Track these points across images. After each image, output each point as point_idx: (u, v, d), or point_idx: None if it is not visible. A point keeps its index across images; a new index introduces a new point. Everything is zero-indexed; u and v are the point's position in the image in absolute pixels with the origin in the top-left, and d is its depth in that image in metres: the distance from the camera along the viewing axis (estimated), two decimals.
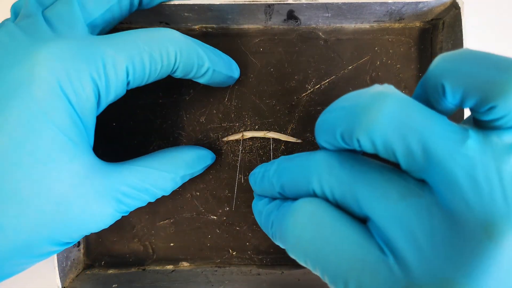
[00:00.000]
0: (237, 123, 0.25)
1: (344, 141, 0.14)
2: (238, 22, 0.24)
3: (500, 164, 0.12)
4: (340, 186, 0.15)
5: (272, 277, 0.24)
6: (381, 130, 0.13)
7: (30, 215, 0.16)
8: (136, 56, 0.18)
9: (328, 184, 0.15)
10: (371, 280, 0.13)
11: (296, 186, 0.16)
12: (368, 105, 0.13)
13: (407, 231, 0.13)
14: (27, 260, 0.18)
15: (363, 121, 0.13)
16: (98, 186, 0.18)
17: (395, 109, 0.13)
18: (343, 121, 0.14)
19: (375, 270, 0.13)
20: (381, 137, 0.13)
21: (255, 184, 0.20)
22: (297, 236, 0.15)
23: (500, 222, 0.11)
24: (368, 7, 0.22)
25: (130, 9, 0.21)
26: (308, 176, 0.16)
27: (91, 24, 0.19)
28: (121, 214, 0.19)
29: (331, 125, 0.15)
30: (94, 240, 0.26)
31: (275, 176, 0.18)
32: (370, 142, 0.13)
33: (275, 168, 0.18)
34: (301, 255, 0.15)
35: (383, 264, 0.13)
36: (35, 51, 0.16)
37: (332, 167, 0.15)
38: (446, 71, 0.13)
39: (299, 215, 0.15)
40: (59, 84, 0.16)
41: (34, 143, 0.16)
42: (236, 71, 0.24)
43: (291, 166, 0.17)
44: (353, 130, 0.13)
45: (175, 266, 0.26)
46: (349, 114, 0.14)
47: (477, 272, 0.12)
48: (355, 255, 0.13)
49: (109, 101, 0.19)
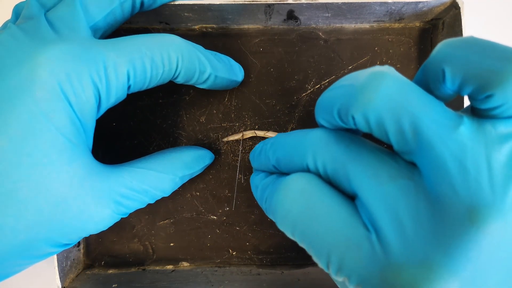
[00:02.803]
0: (237, 123, 0.25)
1: (340, 119, 0.15)
2: (238, 22, 0.24)
3: (490, 152, 0.12)
4: (333, 162, 0.15)
5: (272, 277, 0.24)
6: (375, 109, 0.13)
7: (28, 216, 0.16)
8: (137, 60, 0.18)
9: (322, 160, 0.15)
10: (353, 256, 0.13)
11: (290, 160, 0.17)
12: (365, 83, 0.13)
13: (392, 211, 0.13)
14: (26, 261, 0.18)
15: (359, 99, 0.13)
16: (97, 188, 0.18)
17: (392, 89, 0.13)
18: (340, 99, 0.14)
19: (358, 246, 0.13)
20: (375, 116, 0.13)
21: (254, 159, 0.20)
22: (286, 209, 0.15)
23: (484, 209, 0.11)
24: (368, 7, 0.22)
25: (132, 11, 0.21)
26: (303, 151, 0.16)
27: (94, 27, 0.19)
28: (120, 216, 0.19)
29: (330, 103, 0.15)
30: (94, 240, 0.26)
31: (271, 149, 0.18)
32: (364, 120, 0.13)
33: (272, 142, 0.18)
34: (289, 228, 0.15)
35: (366, 241, 0.13)
36: (37, 53, 0.16)
37: (328, 143, 0.15)
38: (448, 57, 0.13)
39: (290, 188, 0.16)
40: (60, 86, 0.16)
41: (34, 144, 0.16)
42: (240, 74, 0.24)
43: (288, 141, 0.17)
44: (349, 108, 0.14)
45: (175, 266, 0.26)
46: (346, 92, 0.14)
47: (456, 255, 0.12)
48: (341, 230, 0.14)
49: (110, 105, 0.19)
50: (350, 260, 0.13)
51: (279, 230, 0.25)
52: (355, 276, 0.13)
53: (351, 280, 0.13)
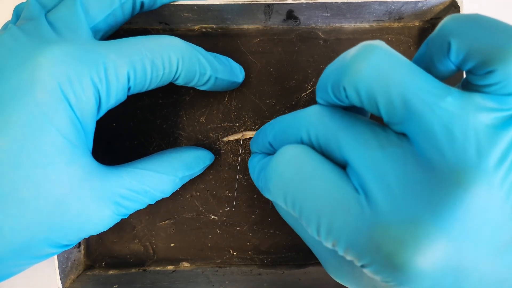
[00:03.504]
0: (237, 123, 0.25)
1: (334, 95, 0.15)
2: (238, 22, 0.24)
3: (477, 122, 0.12)
4: (326, 133, 0.15)
5: (273, 277, 0.24)
6: (365, 79, 0.13)
7: (28, 217, 0.16)
8: (138, 62, 0.18)
9: (315, 131, 0.16)
10: (342, 217, 0.14)
11: (286, 135, 0.17)
12: (355, 56, 0.14)
13: (381, 174, 0.13)
14: (25, 261, 0.18)
15: (349, 70, 0.14)
16: (97, 189, 0.18)
17: (381, 60, 0.13)
18: (333, 74, 0.15)
19: (347, 208, 0.14)
20: (365, 86, 0.13)
21: (253, 141, 0.21)
22: (279, 173, 0.16)
23: (470, 171, 0.12)
24: (368, 6, 0.22)
25: (132, 12, 0.21)
26: (298, 125, 0.17)
27: (94, 28, 0.19)
28: (120, 217, 0.19)
29: (324, 80, 0.16)
30: (95, 241, 0.26)
31: (269, 127, 0.19)
32: (355, 91, 0.14)
33: (271, 122, 0.19)
34: (281, 193, 0.16)
35: (356, 203, 0.13)
36: (38, 54, 0.16)
37: (321, 116, 0.16)
38: (455, 30, 0.13)
39: (283, 155, 0.16)
40: (60, 87, 0.16)
41: (34, 145, 0.16)
42: (241, 75, 0.24)
43: (285, 118, 0.18)
44: (340, 80, 0.14)
45: (176, 266, 0.26)
46: (338, 66, 0.15)
47: (444, 214, 0.12)
48: (331, 193, 0.14)
49: (110, 106, 0.19)
50: (339, 221, 0.14)
51: (280, 230, 0.25)
52: (344, 238, 0.14)
53: (340, 243, 0.14)
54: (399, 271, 0.12)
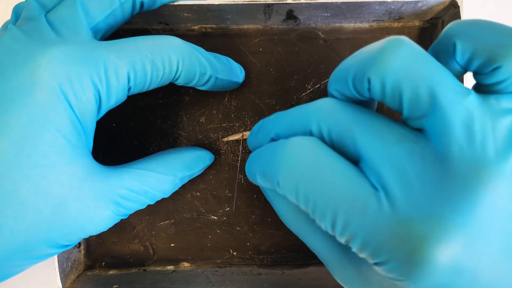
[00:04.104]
0: (237, 123, 0.25)
1: (354, 87, 0.15)
2: (238, 22, 0.24)
3: (495, 121, 0.13)
4: (338, 126, 0.15)
5: (273, 277, 0.24)
6: (393, 71, 0.13)
7: (28, 217, 0.16)
8: (138, 62, 0.18)
9: (327, 124, 0.15)
10: (360, 213, 0.13)
11: (293, 129, 0.16)
12: (385, 47, 0.14)
13: (399, 170, 0.13)
14: (25, 262, 0.18)
15: (377, 61, 0.14)
16: (97, 189, 0.18)
17: (409, 54, 0.14)
18: (357, 65, 0.15)
19: (365, 204, 0.13)
20: (392, 78, 0.13)
21: (252, 138, 0.20)
22: (291, 167, 0.15)
23: (489, 168, 0.12)
24: (368, 6, 0.22)
25: (132, 12, 0.21)
26: (307, 119, 0.16)
27: (94, 28, 0.19)
28: (120, 217, 0.19)
29: (345, 71, 0.15)
30: (95, 241, 0.26)
31: (271, 124, 0.18)
32: (380, 83, 0.14)
33: (273, 117, 0.18)
34: (292, 187, 0.15)
35: (374, 198, 0.13)
36: (38, 54, 0.16)
37: (333, 109, 0.16)
38: (459, 32, 0.14)
39: (295, 147, 0.15)
40: (61, 87, 0.16)
41: (34, 145, 0.16)
42: (241, 75, 0.24)
43: (290, 113, 0.17)
44: (366, 71, 0.14)
45: (176, 266, 0.26)
46: (364, 57, 0.14)
47: (464, 211, 0.12)
48: (347, 189, 0.14)
49: (110, 106, 0.19)
50: (357, 217, 0.13)
51: (280, 230, 0.25)
52: (361, 234, 0.13)
53: (356, 239, 0.14)
54: (418, 267, 0.12)
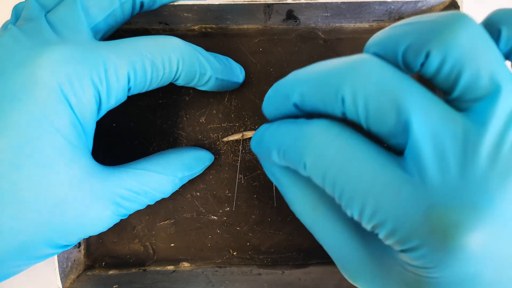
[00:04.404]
0: (237, 123, 0.25)
1: (404, 57, 0.14)
2: (238, 22, 0.24)
3: None
4: (379, 94, 0.13)
5: (273, 277, 0.24)
6: (458, 47, 0.13)
7: (27, 217, 0.16)
8: (138, 63, 0.18)
9: (365, 90, 0.13)
10: (391, 199, 0.13)
11: (319, 92, 0.14)
12: (451, 21, 0.13)
13: (441, 153, 0.13)
14: (25, 262, 0.18)
15: (443, 34, 0.13)
16: (96, 189, 0.18)
17: (476, 32, 0.13)
18: (415, 35, 0.13)
19: (397, 189, 0.13)
20: (456, 55, 0.13)
21: (268, 103, 0.18)
22: (320, 152, 0.14)
23: None
24: (368, 6, 0.22)
25: (132, 12, 0.21)
26: (339, 80, 0.14)
27: (94, 28, 0.19)
28: (119, 217, 0.19)
29: (395, 39, 0.14)
30: (95, 241, 0.26)
31: (293, 84, 0.16)
32: (441, 58, 0.13)
33: (293, 76, 0.16)
34: (319, 172, 0.14)
35: (407, 183, 0.13)
36: (38, 55, 0.16)
37: (376, 69, 0.13)
38: (506, 19, 0.14)
39: (325, 129, 0.15)
40: (61, 88, 0.16)
41: (34, 146, 0.16)
42: (241, 75, 0.24)
43: (317, 70, 0.15)
44: (427, 43, 0.13)
45: (176, 266, 0.26)
46: (424, 27, 0.13)
47: (503, 202, 0.12)
48: (378, 174, 0.13)
49: (110, 107, 0.19)
50: (388, 203, 0.13)
51: (280, 230, 0.25)
52: (391, 219, 0.13)
53: (385, 224, 0.13)
54: (449, 254, 0.12)
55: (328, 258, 0.25)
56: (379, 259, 0.16)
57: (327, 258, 0.26)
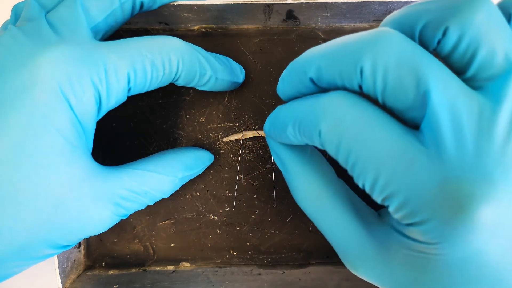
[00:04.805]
0: (237, 123, 0.25)
1: (422, 33, 0.14)
2: (238, 22, 0.24)
3: None
4: (401, 65, 0.13)
5: (273, 277, 0.24)
6: (476, 25, 0.13)
7: (27, 217, 0.16)
8: (138, 63, 0.18)
9: (386, 60, 0.13)
10: (405, 169, 0.13)
11: (337, 64, 0.14)
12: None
13: (458, 125, 0.13)
14: (25, 262, 0.18)
15: (462, 11, 0.13)
16: (96, 190, 0.18)
17: (492, 12, 0.13)
18: (434, 11, 0.14)
19: (413, 160, 0.13)
20: (473, 32, 0.13)
21: (282, 82, 0.17)
22: (336, 119, 0.14)
23: None
24: (368, 6, 0.22)
25: (132, 12, 0.21)
26: (358, 51, 0.14)
27: (94, 28, 0.19)
28: (119, 217, 0.19)
29: (414, 15, 0.14)
30: (95, 241, 0.26)
31: (309, 59, 0.16)
32: (459, 34, 0.13)
33: (310, 52, 0.16)
34: (335, 138, 0.14)
35: (423, 155, 0.13)
36: (38, 55, 0.16)
37: (398, 41, 0.13)
38: None
39: (341, 99, 0.14)
40: (61, 88, 0.16)
41: (34, 146, 0.16)
42: (241, 75, 0.24)
43: (335, 44, 0.15)
44: (446, 19, 0.13)
45: (176, 266, 0.26)
46: (443, 5, 0.14)
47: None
48: (394, 144, 0.13)
49: (110, 107, 0.19)
50: (401, 173, 0.13)
51: (280, 230, 0.25)
52: (403, 190, 0.13)
53: (396, 196, 0.13)
54: (460, 227, 0.12)
55: (328, 258, 0.26)
56: (382, 244, 0.16)
57: (327, 258, 0.26)
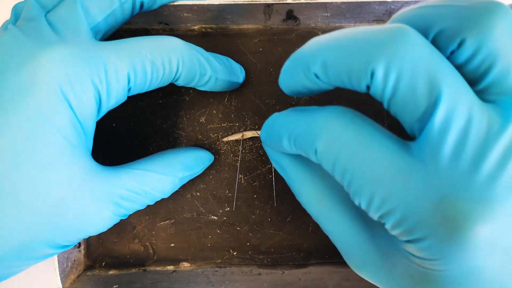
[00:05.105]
0: (237, 123, 0.25)
1: (435, 41, 0.13)
2: (237, 22, 0.24)
3: None
4: (416, 71, 0.12)
5: (273, 277, 0.24)
6: (495, 36, 0.12)
7: (27, 217, 0.16)
8: (138, 63, 0.18)
9: (400, 66, 0.12)
10: (402, 187, 0.13)
11: (347, 62, 0.13)
12: (488, 9, 0.12)
13: (461, 141, 0.12)
14: (24, 262, 0.18)
15: (481, 23, 0.12)
16: (96, 190, 0.18)
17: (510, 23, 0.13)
18: (450, 19, 0.13)
19: (409, 178, 0.13)
20: (492, 44, 0.12)
21: (284, 76, 0.17)
22: (332, 137, 0.14)
23: None
24: (367, 6, 0.22)
25: (132, 12, 0.21)
26: (372, 52, 0.13)
27: (94, 28, 0.19)
28: (119, 217, 0.19)
29: (428, 20, 0.13)
30: (95, 241, 0.26)
31: (314, 54, 0.15)
32: (475, 46, 0.12)
33: (315, 46, 0.15)
34: (330, 157, 0.14)
35: (419, 172, 0.13)
36: (38, 55, 0.16)
37: (413, 44, 0.12)
38: None
39: (338, 116, 0.14)
40: (61, 88, 0.16)
41: (34, 146, 0.16)
42: (241, 75, 0.24)
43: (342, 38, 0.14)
44: (462, 30, 0.12)
45: (176, 266, 0.26)
46: (461, 13, 0.13)
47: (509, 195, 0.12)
48: (391, 161, 0.13)
49: (110, 107, 0.19)
50: (398, 191, 0.13)
51: (280, 230, 0.25)
52: (400, 208, 0.13)
53: (393, 214, 0.13)
54: (457, 245, 0.12)
55: (328, 258, 0.26)
56: (385, 251, 0.16)
57: (327, 258, 0.26)
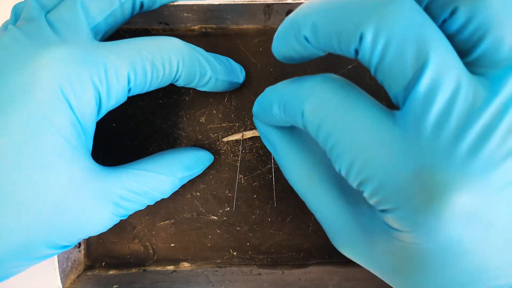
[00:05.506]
0: (237, 123, 0.25)
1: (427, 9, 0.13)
2: (238, 22, 0.24)
3: None
4: (405, 38, 0.12)
5: (273, 277, 0.24)
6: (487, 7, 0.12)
7: (27, 217, 0.16)
8: (138, 64, 0.18)
9: (389, 32, 0.12)
10: (382, 154, 0.13)
11: (336, 25, 0.13)
12: None
13: (446, 110, 0.12)
14: (24, 262, 0.18)
15: None
16: (96, 190, 0.18)
17: None
18: None
19: (390, 146, 0.13)
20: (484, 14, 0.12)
21: (278, 39, 0.16)
22: (320, 101, 0.14)
23: None
24: None
25: (132, 12, 0.21)
26: (362, 15, 0.12)
27: (95, 29, 0.19)
28: (119, 217, 0.19)
29: None
30: (95, 241, 0.26)
31: (305, 16, 0.14)
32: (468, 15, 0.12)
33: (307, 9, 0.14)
34: (316, 120, 0.14)
35: (401, 140, 0.13)
36: (38, 55, 0.16)
37: (405, 10, 0.12)
38: None
39: (327, 81, 0.15)
40: (61, 88, 0.16)
41: (34, 146, 0.16)
42: (241, 76, 0.24)
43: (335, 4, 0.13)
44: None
45: (176, 266, 0.26)
46: None
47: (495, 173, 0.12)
48: (375, 128, 0.13)
49: (110, 107, 0.19)
50: (378, 158, 0.13)
51: (280, 230, 0.25)
52: (378, 175, 0.13)
53: (371, 180, 0.13)
54: (432, 215, 0.12)
55: (328, 258, 0.26)
56: (367, 229, 0.16)
57: (327, 258, 0.26)
